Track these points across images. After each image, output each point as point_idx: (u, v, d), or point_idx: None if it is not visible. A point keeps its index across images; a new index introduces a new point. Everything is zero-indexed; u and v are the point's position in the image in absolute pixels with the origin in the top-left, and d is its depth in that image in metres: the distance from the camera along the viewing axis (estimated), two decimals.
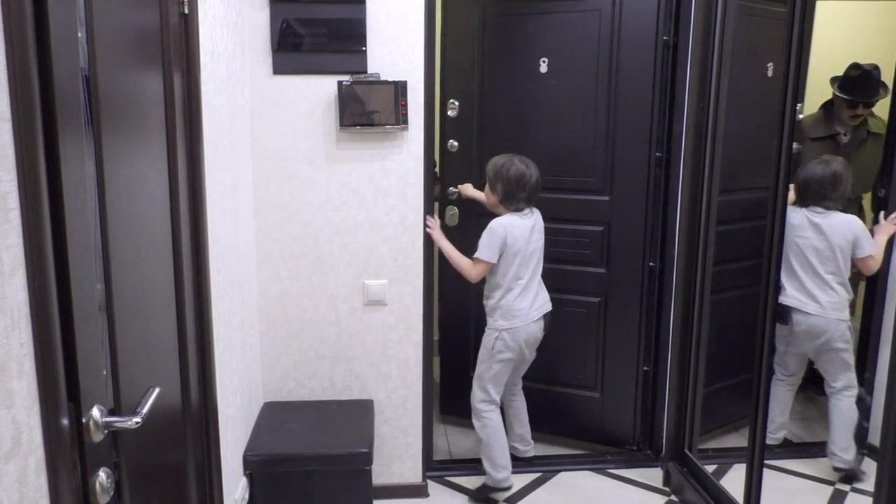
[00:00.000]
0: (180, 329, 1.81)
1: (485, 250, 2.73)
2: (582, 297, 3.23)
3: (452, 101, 3.16)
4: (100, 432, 1.15)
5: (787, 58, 2.24)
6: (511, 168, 2.73)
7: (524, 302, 2.77)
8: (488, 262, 2.74)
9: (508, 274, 2.75)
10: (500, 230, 2.72)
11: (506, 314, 2.77)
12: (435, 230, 2.83)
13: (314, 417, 2.75)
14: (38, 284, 1.02)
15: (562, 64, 3.06)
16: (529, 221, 2.77)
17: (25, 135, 0.99)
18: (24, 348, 1.01)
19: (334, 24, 2.64)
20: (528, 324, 2.78)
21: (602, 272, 3.20)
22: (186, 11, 1.81)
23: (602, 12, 2.98)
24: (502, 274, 2.76)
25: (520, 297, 2.76)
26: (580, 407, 3.31)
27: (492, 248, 2.72)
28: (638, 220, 3.12)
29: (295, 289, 2.83)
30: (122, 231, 1.40)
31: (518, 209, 2.76)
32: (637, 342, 3.21)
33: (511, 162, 2.74)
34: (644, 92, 3.01)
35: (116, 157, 1.38)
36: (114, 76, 1.39)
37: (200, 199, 1.92)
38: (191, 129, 1.87)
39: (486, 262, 2.74)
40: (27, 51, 0.99)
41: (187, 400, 1.86)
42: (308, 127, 2.71)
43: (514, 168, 2.72)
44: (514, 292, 2.76)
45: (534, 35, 3.09)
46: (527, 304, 2.77)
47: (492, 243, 2.72)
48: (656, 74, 2.97)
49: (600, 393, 3.28)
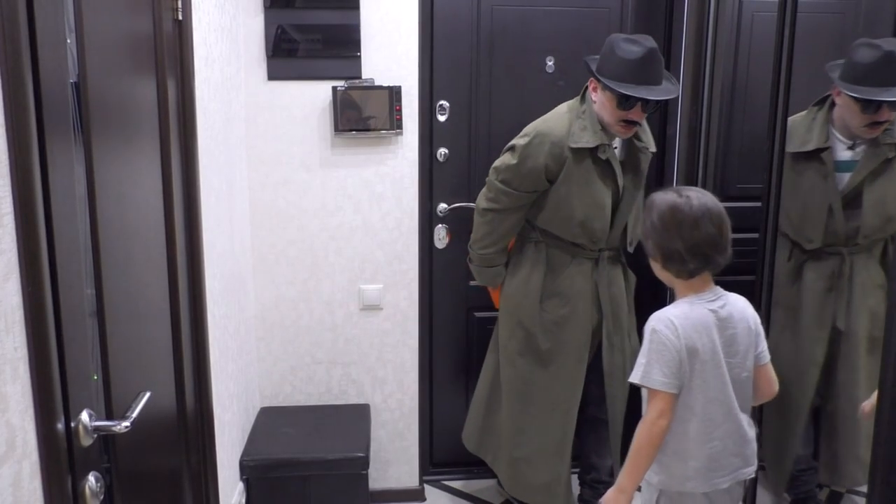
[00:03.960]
0: (175, 334, 1.81)
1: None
2: None
3: (442, 104, 2.87)
4: (89, 437, 1.16)
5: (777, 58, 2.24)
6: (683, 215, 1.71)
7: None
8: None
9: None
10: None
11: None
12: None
13: (311, 422, 2.75)
14: (32, 289, 1.02)
15: (569, 63, 2.89)
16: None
17: (19, 141, 0.99)
18: (19, 352, 1.01)
19: (329, 30, 2.65)
20: None
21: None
22: (180, 17, 1.82)
23: (611, 11, 2.93)
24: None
25: None
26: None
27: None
28: None
29: (291, 294, 2.83)
30: (114, 237, 1.41)
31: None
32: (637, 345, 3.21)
33: (657, 197, 1.78)
34: None
35: (107, 163, 1.39)
36: (105, 82, 1.39)
37: (195, 205, 1.93)
38: (185, 135, 1.87)
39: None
40: (21, 58, 0.99)
41: (183, 405, 1.86)
42: (303, 132, 2.72)
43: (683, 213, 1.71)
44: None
45: (539, 30, 2.91)
46: None
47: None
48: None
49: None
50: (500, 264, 2.56)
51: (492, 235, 2.49)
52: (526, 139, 2.36)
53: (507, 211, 2.44)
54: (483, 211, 2.48)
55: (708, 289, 1.77)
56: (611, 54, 2.24)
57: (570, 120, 2.35)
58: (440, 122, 2.89)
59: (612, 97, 2.24)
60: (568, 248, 2.45)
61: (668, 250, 1.73)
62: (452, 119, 2.92)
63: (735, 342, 1.76)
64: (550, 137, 2.33)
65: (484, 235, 2.50)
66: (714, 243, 1.70)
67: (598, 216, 2.37)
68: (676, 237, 1.70)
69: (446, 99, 2.89)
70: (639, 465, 1.76)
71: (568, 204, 2.36)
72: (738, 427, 1.78)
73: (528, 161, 2.35)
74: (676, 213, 1.70)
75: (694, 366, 1.71)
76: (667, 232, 1.71)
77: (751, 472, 1.82)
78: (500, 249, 2.52)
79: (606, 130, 2.32)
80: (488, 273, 2.58)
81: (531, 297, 2.48)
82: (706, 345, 1.71)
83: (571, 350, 2.47)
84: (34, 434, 1.06)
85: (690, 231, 1.69)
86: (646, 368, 1.72)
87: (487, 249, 2.51)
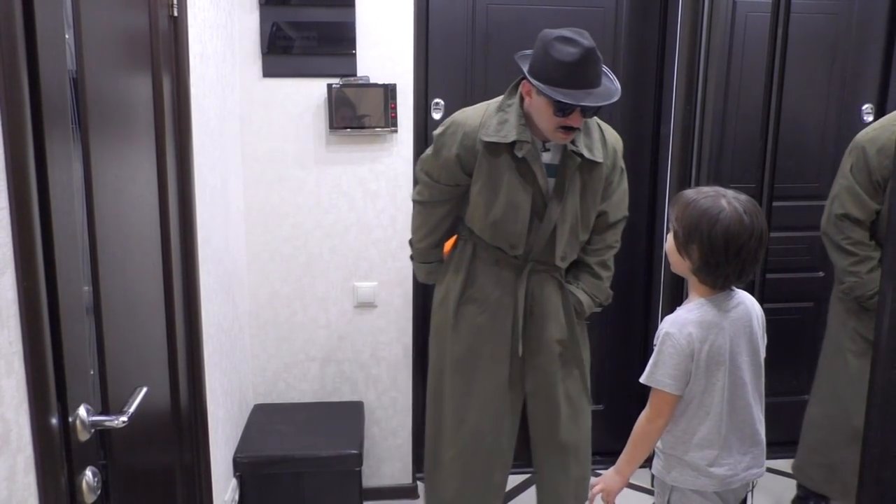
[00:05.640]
0: (170, 330, 1.82)
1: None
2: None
3: (437, 101, 2.89)
4: (86, 431, 1.16)
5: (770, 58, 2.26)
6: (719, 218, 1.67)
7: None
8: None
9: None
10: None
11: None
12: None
13: (304, 419, 2.75)
14: (27, 283, 1.03)
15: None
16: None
17: (14, 136, 1.00)
18: (13, 346, 1.02)
19: (324, 28, 2.65)
20: None
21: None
22: (176, 14, 1.82)
23: (606, 10, 2.93)
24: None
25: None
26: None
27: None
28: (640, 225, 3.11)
29: (285, 291, 2.83)
30: (111, 233, 1.41)
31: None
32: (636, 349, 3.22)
33: (717, 205, 1.68)
34: (646, 94, 3.01)
35: (105, 159, 1.39)
36: (102, 78, 1.39)
37: (190, 201, 1.93)
38: (180, 132, 1.87)
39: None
40: (16, 52, 1.00)
41: (177, 401, 1.87)
42: (298, 130, 2.72)
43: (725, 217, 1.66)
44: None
45: (534, 28, 2.86)
46: None
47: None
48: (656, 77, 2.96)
49: (603, 406, 3.24)
50: (435, 260, 2.40)
51: (423, 228, 2.34)
52: (442, 128, 2.22)
53: (433, 204, 2.28)
54: (413, 203, 2.37)
55: (723, 290, 1.76)
56: (545, 55, 2.01)
57: (491, 112, 2.16)
58: (435, 119, 2.90)
59: (548, 103, 2.02)
60: (492, 251, 2.24)
61: (713, 264, 1.69)
62: (447, 117, 2.93)
63: (750, 341, 1.77)
64: (464, 127, 2.16)
65: (417, 228, 2.37)
66: (755, 262, 1.71)
67: (512, 219, 2.15)
68: (734, 258, 1.67)
69: (441, 97, 2.90)
70: (634, 455, 1.83)
71: (481, 201, 2.18)
72: (752, 427, 1.80)
73: (443, 151, 2.19)
74: (740, 236, 1.65)
75: (710, 368, 1.72)
76: (725, 251, 1.66)
77: (761, 473, 1.83)
78: (433, 244, 2.36)
79: (534, 129, 2.12)
80: (424, 269, 2.43)
81: (451, 299, 2.30)
82: (723, 346, 1.71)
83: (484, 364, 2.26)
84: (28, 428, 1.06)
85: (746, 254, 1.67)
86: (652, 368, 1.74)
87: (422, 242, 2.37)
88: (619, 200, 2.30)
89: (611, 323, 3.20)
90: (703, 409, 1.75)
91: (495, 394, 2.28)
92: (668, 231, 1.79)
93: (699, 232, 1.67)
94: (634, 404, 3.18)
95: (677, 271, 1.80)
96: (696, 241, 1.68)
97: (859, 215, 2.42)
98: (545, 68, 2.00)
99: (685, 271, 1.76)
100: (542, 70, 2.01)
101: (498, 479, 2.36)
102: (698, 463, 1.77)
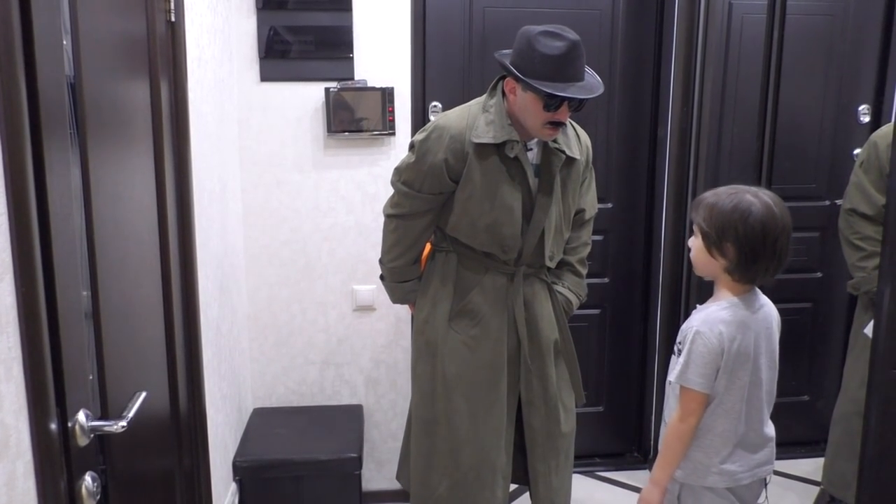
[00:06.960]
0: (168, 335, 1.82)
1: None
2: (581, 311, 2.96)
3: (435, 105, 2.87)
4: (85, 436, 1.16)
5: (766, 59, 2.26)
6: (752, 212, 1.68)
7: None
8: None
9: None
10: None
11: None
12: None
13: (304, 423, 2.75)
14: (26, 288, 1.03)
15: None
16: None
17: (12, 141, 1.00)
18: (13, 352, 1.02)
19: (321, 32, 2.66)
20: None
21: (606, 282, 3.17)
22: (173, 19, 1.82)
23: (602, 12, 2.93)
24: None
25: None
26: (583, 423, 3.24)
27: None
28: (638, 227, 3.12)
29: (284, 295, 2.83)
30: (109, 237, 1.41)
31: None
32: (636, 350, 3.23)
33: (745, 200, 1.70)
34: (643, 96, 3.01)
35: (103, 164, 1.39)
36: (100, 83, 1.40)
37: (188, 206, 1.93)
38: (178, 136, 1.87)
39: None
40: (14, 59, 1.00)
41: (176, 406, 1.87)
42: (296, 133, 2.72)
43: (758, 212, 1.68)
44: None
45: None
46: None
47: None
48: (653, 79, 2.96)
49: (603, 407, 3.25)
50: (412, 278, 2.27)
51: (399, 245, 2.21)
52: (424, 134, 2.11)
53: (413, 216, 2.15)
54: (388, 218, 2.21)
55: (751, 290, 1.78)
56: (530, 50, 1.95)
57: (475, 114, 2.09)
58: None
59: (537, 98, 1.96)
60: (480, 259, 2.16)
61: (751, 259, 1.69)
62: None
63: (769, 342, 1.79)
64: (450, 131, 2.07)
65: (392, 246, 2.22)
66: (787, 254, 1.72)
67: (507, 221, 2.09)
68: (770, 250, 1.68)
69: (439, 100, 2.89)
70: (668, 460, 1.80)
71: (472, 206, 2.09)
72: (763, 425, 1.81)
73: (428, 157, 2.08)
74: (775, 227, 1.68)
75: (735, 367, 1.73)
76: (763, 243, 1.67)
77: (770, 470, 1.85)
78: (410, 261, 2.24)
79: (518, 128, 2.07)
80: (401, 290, 2.28)
81: (440, 314, 2.19)
82: (749, 346, 1.73)
83: (482, 377, 2.18)
84: (28, 433, 1.06)
85: (780, 246, 1.69)
86: (683, 368, 1.73)
87: (397, 262, 2.23)
88: (593, 197, 2.32)
89: (610, 324, 3.20)
90: (722, 406, 1.75)
91: (496, 408, 2.20)
92: (692, 235, 1.79)
93: (733, 228, 1.67)
94: (634, 405, 3.25)
95: (704, 273, 1.80)
96: (731, 238, 1.68)
97: (866, 210, 2.43)
98: (531, 64, 1.95)
99: (715, 272, 1.76)
100: (528, 66, 1.96)
101: (500, 496, 2.26)
102: (710, 460, 1.77)
